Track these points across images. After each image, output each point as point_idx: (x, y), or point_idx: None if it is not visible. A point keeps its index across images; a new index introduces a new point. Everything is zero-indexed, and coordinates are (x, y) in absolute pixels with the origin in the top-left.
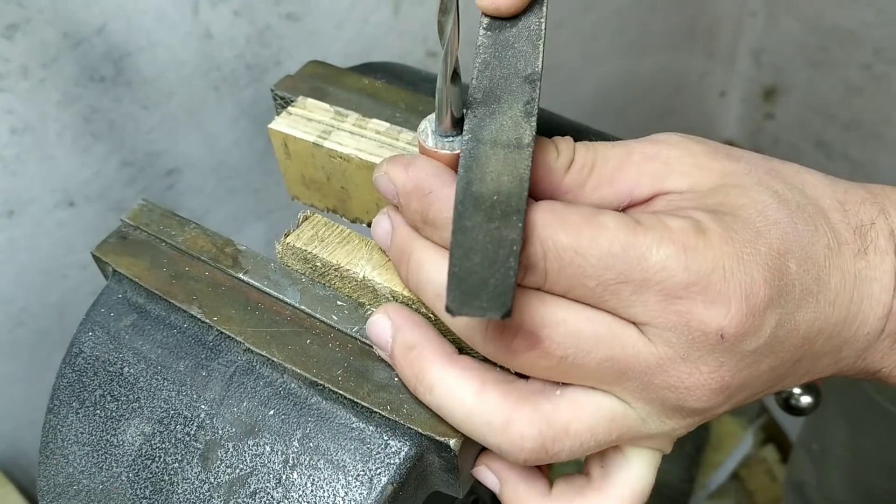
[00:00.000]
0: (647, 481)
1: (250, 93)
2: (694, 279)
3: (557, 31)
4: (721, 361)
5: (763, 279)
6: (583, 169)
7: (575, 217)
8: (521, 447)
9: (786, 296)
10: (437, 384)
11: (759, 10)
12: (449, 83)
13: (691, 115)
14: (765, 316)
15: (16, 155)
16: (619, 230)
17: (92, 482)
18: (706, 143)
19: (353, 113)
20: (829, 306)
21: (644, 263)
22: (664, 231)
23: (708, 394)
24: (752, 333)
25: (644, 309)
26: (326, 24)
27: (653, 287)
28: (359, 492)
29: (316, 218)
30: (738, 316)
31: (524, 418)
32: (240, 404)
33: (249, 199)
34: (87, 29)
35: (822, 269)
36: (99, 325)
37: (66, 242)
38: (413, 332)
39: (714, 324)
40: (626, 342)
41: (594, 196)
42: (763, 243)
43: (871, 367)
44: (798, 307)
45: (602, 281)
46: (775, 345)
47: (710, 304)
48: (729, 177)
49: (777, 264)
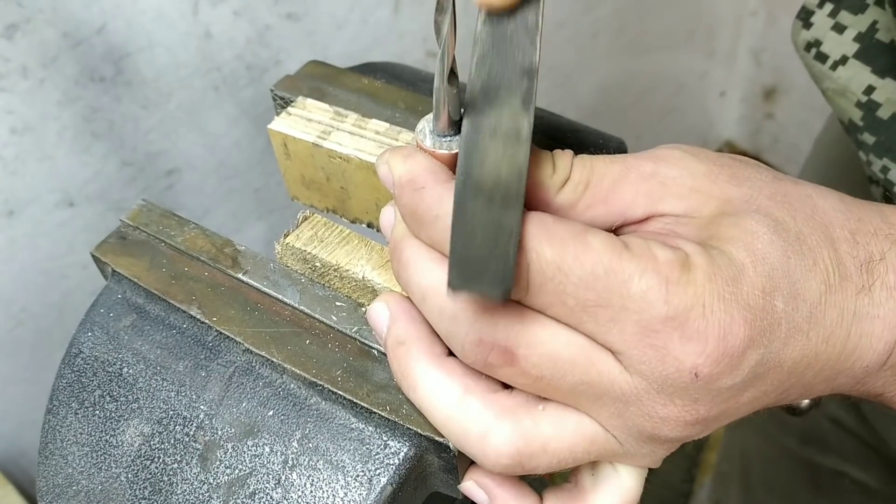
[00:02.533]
0: (636, 493)
1: (250, 93)
2: (673, 314)
3: (557, 31)
4: (696, 397)
5: (743, 319)
6: (577, 187)
7: (562, 232)
8: (497, 461)
9: (770, 335)
10: (420, 384)
11: (759, 10)
12: (446, 83)
13: (691, 115)
14: (744, 356)
15: (16, 155)
16: (605, 252)
17: (91, 482)
18: (710, 160)
19: (353, 113)
20: (823, 343)
21: (625, 291)
22: (650, 261)
23: (683, 425)
24: (729, 373)
25: (620, 337)
26: (326, 24)
27: (631, 316)
28: (358, 492)
29: (315, 218)
30: (713, 355)
31: (503, 433)
32: (239, 405)
33: (249, 199)
34: (87, 29)
35: (816, 305)
36: (98, 326)
37: (66, 242)
38: (407, 327)
39: (689, 361)
40: (601, 369)
41: (586, 215)
42: (747, 282)
43: (871, 391)
44: (785, 345)
45: (581, 301)
46: (755, 380)
47: (686, 340)
48: (727, 204)
49: (761, 304)
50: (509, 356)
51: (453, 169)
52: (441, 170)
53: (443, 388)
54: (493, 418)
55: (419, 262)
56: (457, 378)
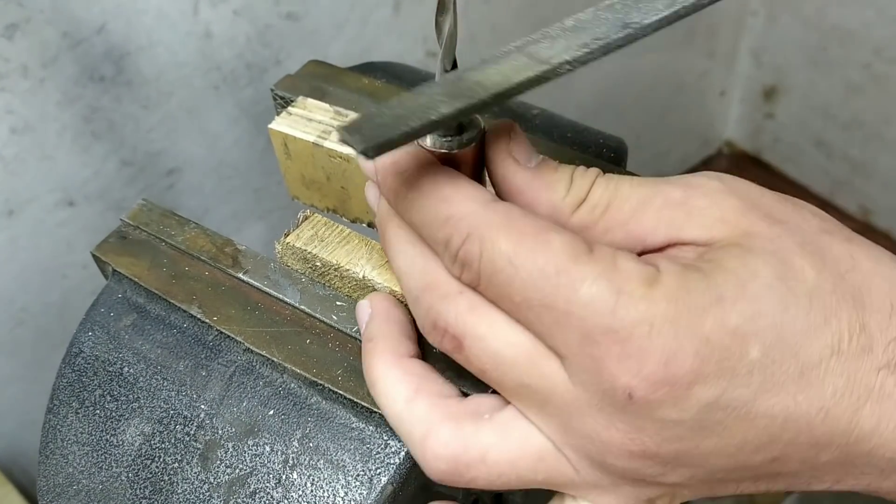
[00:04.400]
0: None
1: (250, 92)
2: (616, 326)
3: None
4: (638, 425)
5: (694, 351)
6: (594, 209)
7: (524, 226)
8: (435, 466)
9: (732, 379)
10: (378, 382)
11: (759, 9)
12: None
13: (691, 115)
14: (690, 389)
15: (16, 154)
16: (562, 253)
17: (91, 482)
18: (747, 197)
19: (353, 113)
20: (819, 412)
21: (572, 295)
22: (607, 268)
23: (629, 455)
24: (672, 404)
25: (564, 342)
26: (326, 24)
27: (574, 321)
28: (359, 492)
29: (316, 218)
30: (650, 379)
31: (441, 437)
32: (239, 404)
33: (249, 198)
34: (87, 28)
35: (812, 367)
36: (99, 325)
37: (66, 242)
38: (379, 324)
39: (622, 379)
40: (544, 372)
41: (605, 238)
42: (714, 315)
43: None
44: (756, 397)
45: (526, 299)
46: (717, 426)
47: (624, 357)
48: (746, 237)
49: (725, 343)
50: (457, 344)
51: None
52: (422, 155)
53: (396, 387)
54: (435, 422)
55: (397, 243)
56: (411, 379)
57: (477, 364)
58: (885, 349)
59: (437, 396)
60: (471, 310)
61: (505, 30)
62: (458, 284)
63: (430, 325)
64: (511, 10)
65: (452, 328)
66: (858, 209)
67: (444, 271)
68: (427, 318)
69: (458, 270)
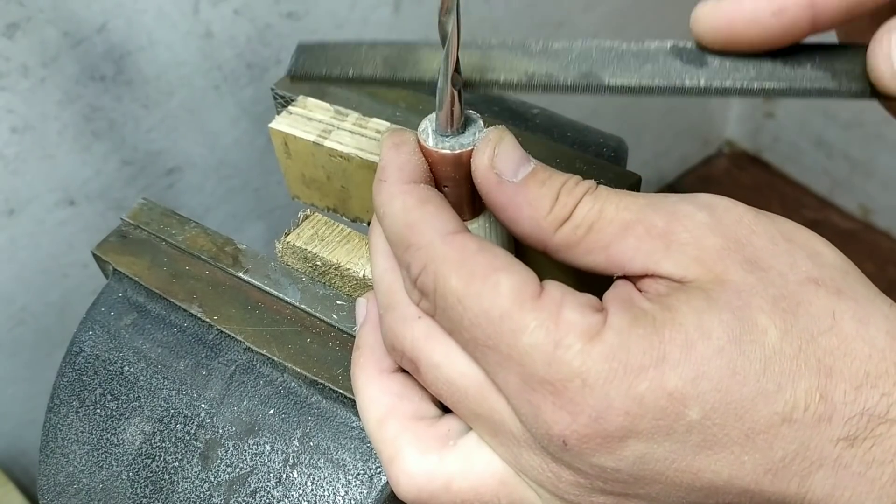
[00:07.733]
0: None
1: (251, 92)
2: (551, 378)
3: (557, 31)
4: (577, 468)
5: (624, 410)
6: (577, 230)
7: (476, 265)
8: (401, 492)
9: (667, 436)
10: (357, 395)
11: None
12: (450, 83)
13: (691, 115)
14: (623, 443)
15: (16, 154)
16: (509, 297)
17: (92, 481)
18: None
19: (354, 112)
20: (767, 474)
21: (512, 341)
22: (550, 318)
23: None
24: (606, 453)
25: (505, 383)
26: (326, 24)
27: (515, 367)
28: (359, 490)
29: (316, 217)
30: (581, 432)
31: (406, 466)
32: (240, 403)
33: (250, 198)
34: (88, 28)
35: (759, 432)
36: (99, 324)
37: (67, 241)
38: (368, 333)
39: (556, 429)
40: (494, 406)
41: (586, 259)
42: (652, 377)
43: None
44: (696, 455)
45: (473, 337)
46: (657, 475)
47: (558, 408)
48: (717, 286)
49: (661, 405)
50: (414, 368)
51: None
52: (409, 169)
53: (371, 404)
54: (402, 447)
55: (375, 252)
56: (387, 398)
57: (433, 388)
58: (847, 422)
59: (409, 419)
60: (427, 337)
61: (505, 29)
62: (417, 309)
63: (389, 346)
64: (511, 10)
65: (409, 352)
66: (858, 209)
67: (405, 294)
68: (387, 337)
69: (416, 297)
